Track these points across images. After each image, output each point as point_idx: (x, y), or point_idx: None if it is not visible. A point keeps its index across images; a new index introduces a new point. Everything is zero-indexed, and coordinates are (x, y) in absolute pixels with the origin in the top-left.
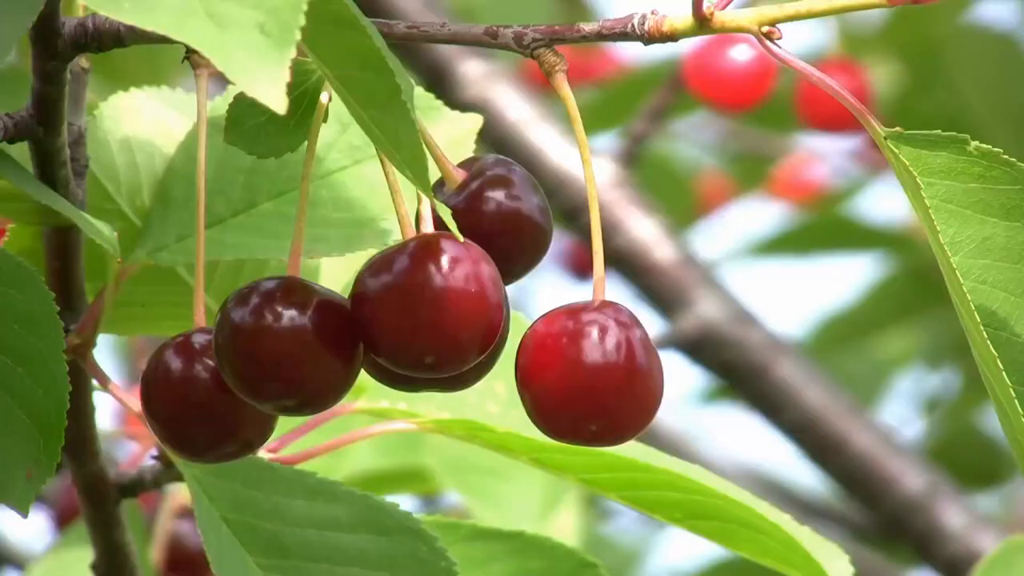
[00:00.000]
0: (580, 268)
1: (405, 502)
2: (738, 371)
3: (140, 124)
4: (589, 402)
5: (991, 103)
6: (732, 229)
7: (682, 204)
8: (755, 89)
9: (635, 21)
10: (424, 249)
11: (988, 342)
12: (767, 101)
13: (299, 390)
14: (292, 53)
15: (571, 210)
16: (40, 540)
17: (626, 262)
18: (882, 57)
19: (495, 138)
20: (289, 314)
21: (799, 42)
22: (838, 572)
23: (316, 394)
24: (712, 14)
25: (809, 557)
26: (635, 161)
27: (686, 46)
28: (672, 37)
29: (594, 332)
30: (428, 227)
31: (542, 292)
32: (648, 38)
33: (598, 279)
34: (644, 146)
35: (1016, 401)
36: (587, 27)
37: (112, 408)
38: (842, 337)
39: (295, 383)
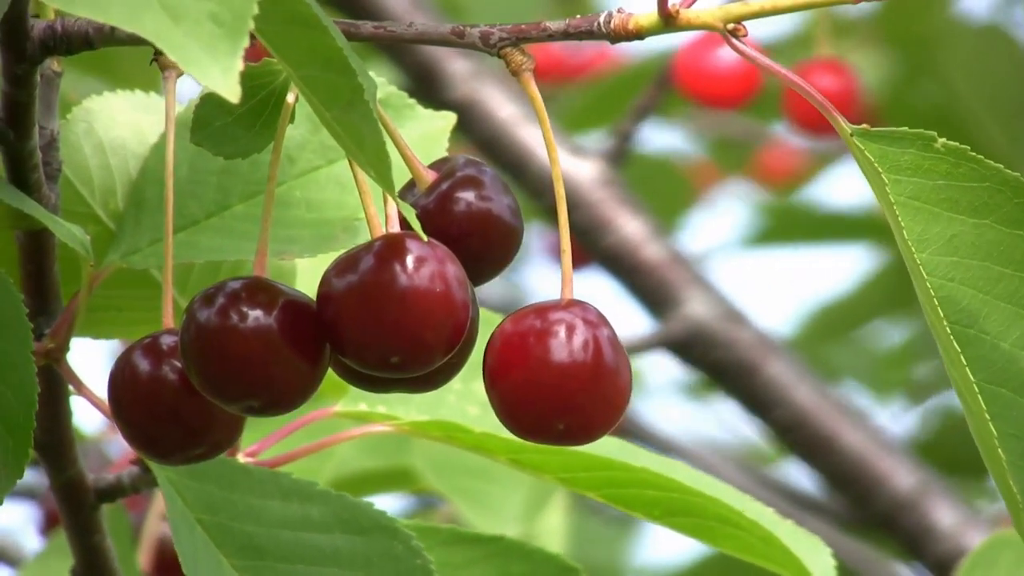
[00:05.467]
0: (574, 263)
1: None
2: (728, 370)
3: (113, 127)
4: (556, 400)
5: (981, 94)
6: (722, 220)
7: (674, 193)
8: (744, 87)
9: (601, 20)
10: (389, 249)
11: (952, 339)
12: (757, 97)
13: (265, 391)
14: (245, 43)
15: None
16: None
17: (614, 261)
18: (871, 48)
19: (484, 137)
20: (254, 314)
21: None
22: (820, 566)
23: (282, 395)
24: (677, 12)
25: (788, 552)
26: (623, 159)
27: (678, 43)
28: (638, 35)
29: (561, 331)
30: (395, 227)
31: (539, 286)
32: (614, 36)
33: (567, 278)
34: (632, 144)
35: (980, 398)
36: (553, 26)
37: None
38: (834, 328)
39: (260, 384)
